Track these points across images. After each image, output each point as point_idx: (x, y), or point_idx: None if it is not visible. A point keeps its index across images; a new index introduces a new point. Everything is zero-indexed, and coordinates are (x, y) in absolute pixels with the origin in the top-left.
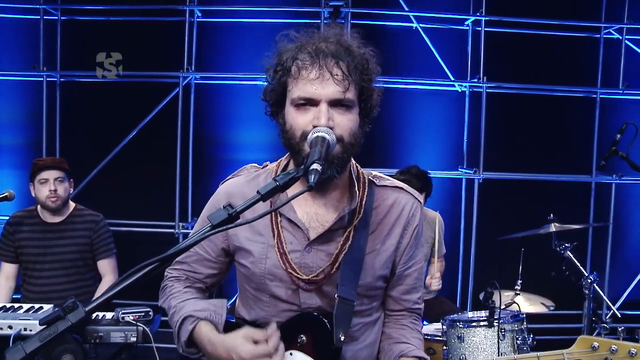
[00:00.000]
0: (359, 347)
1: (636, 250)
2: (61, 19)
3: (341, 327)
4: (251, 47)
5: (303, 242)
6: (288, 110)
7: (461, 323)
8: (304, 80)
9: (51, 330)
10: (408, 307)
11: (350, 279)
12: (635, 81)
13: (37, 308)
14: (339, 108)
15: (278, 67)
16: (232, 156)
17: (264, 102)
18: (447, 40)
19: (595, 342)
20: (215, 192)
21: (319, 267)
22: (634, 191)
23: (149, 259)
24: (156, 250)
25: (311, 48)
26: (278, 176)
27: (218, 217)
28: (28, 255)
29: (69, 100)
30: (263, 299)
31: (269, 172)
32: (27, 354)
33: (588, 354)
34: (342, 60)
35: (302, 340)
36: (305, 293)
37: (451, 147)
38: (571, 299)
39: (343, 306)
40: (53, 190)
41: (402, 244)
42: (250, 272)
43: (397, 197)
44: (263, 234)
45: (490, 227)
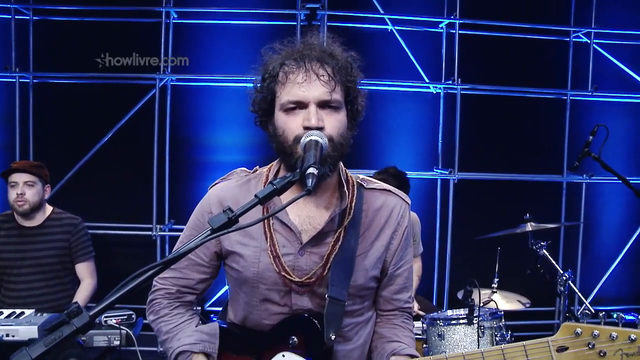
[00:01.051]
0: (351, 346)
1: (606, 248)
2: (33, 19)
3: (332, 327)
4: (227, 49)
5: (296, 245)
6: (278, 116)
7: (441, 321)
8: (291, 84)
9: (56, 335)
10: (399, 307)
11: (341, 279)
12: (603, 83)
13: (18, 313)
14: (327, 109)
15: (265, 75)
16: (209, 158)
17: (254, 114)
18: (421, 43)
19: (579, 328)
20: (205, 196)
21: (311, 270)
22: (604, 190)
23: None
24: (134, 252)
25: (296, 54)
26: (275, 180)
27: (218, 221)
28: (5, 260)
29: (43, 101)
30: (254, 302)
31: (260, 176)
32: (32, 359)
33: (572, 340)
34: (326, 63)
35: (294, 342)
36: (297, 295)
37: (426, 148)
38: (544, 296)
39: (334, 306)
40: (20, 194)
41: (392, 245)
42: (242, 276)
43: (385, 199)
44: (255, 238)
45: (465, 226)
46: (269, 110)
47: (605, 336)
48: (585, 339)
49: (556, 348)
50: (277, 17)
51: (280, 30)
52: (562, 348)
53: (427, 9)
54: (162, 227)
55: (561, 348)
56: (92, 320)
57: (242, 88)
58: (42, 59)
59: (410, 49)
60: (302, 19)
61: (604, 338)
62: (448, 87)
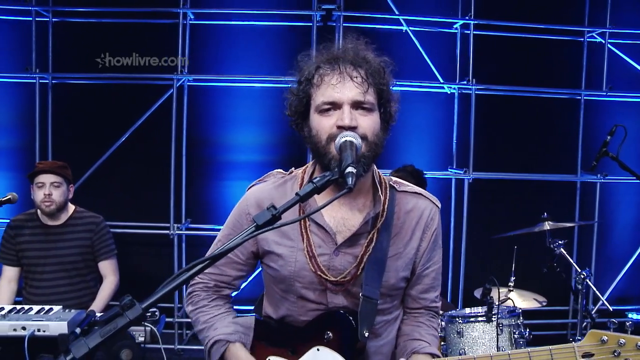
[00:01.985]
0: (381, 343)
1: (620, 247)
2: (52, 20)
3: (365, 324)
4: (243, 49)
5: (331, 246)
6: (313, 117)
7: (460, 319)
8: (325, 85)
9: (111, 327)
10: (426, 305)
11: (374, 279)
12: (618, 83)
13: (47, 309)
14: (360, 110)
15: (301, 79)
16: (225, 157)
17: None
18: (436, 43)
19: (605, 336)
20: (242, 197)
21: (345, 269)
22: (618, 190)
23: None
24: (151, 251)
25: (331, 58)
26: (315, 179)
27: (262, 218)
28: (29, 259)
29: (62, 102)
30: (290, 299)
31: (295, 178)
32: (90, 349)
33: (598, 347)
34: (360, 66)
35: (329, 337)
36: (332, 294)
37: (440, 148)
38: (558, 295)
39: (367, 304)
40: (47, 194)
41: (421, 247)
42: (279, 274)
43: (416, 202)
44: (292, 239)
45: (480, 225)
46: (305, 113)
47: (631, 345)
48: (611, 346)
49: (582, 354)
50: (293, 18)
51: (296, 31)
52: (588, 354)
53: (441, 9)
54: (179, 226)
55: (587, 354)
56: (145, 313)
57: (258, 88)
58: (61, 60)
59: (424, 49)
60: (318, 20)
61: (631, 347)
62: (462, 87)
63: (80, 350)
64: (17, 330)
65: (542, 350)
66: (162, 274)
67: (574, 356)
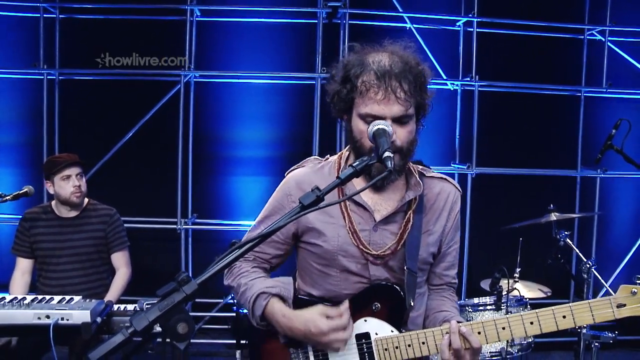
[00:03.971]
0: (416, 314)
1: (619, 241)
2: (60, 17)
3: (410, 294)
4: (250, 46)
5: (370, 223)
6: (355, 120)
7: (470, 307)
8: (371, 100)
9: (169, 301)
10: (448, 282)
11: (413, 254)
12: (617, 80)
13: (68, 299)
14: (400, 123)
15: (346, 82)
16: (232, 153)
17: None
18: (439, 41)
19: (634, 288)
20: (282, 181)
21: (385, 244)
22: (617, 185)
23: (151, 255)
24: (158, 246)
25: (376, 67)
26: (354, 163)
27: (308, 199)
28: (44, 250)
29: (69, 98)
30: (333, 273)
31: (331, 163)
32: (150, 322)
33: (629, 298)
34: (405, 82)
35: (377, 307)
36: (374, 266)
37: (444, 144)
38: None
39: (410, 277)
40: (77, 185)
41: (447, 226)
42: (322, 250)
43: (442, 186)
44: (334, 216)
45: (483, 219)
46: (346, 109)
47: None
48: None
49: (616, 304)
50: (299, 15)
51: (301, 28)
52: (621, 305)
53: (445, 7)
54: (185, 221)
55: (620, 305)
56: (200, 288)
57: (264, 84)
58: (68, 56)
59: (428, 46)
60: (324, 17)
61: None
62: (465, 83)
63: (141, 323)
64: (41, 319)
65: (582, 304)
66: (169, 269)
67: (611, 307)
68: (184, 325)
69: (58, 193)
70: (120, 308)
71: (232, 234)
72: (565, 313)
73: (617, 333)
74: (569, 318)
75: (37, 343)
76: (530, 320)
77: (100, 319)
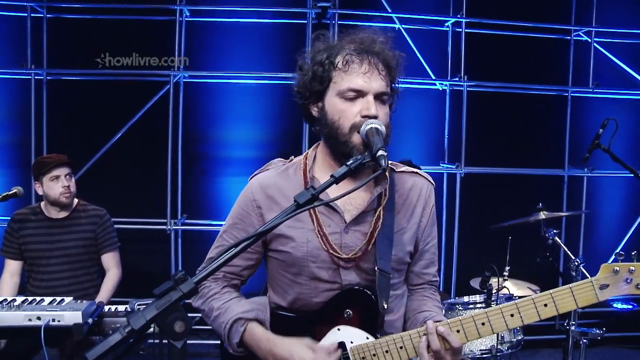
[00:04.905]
0: (394, 317)
1: (606, 239)
2: (47, 16)
3: (383, 297)
4: (239, 46)
5: (341, 225)
6: (333, 101)
7: (460, 305)
8: (355, 73)
9: (166, 300)
10: (428, 280)
11: (385, 253)
12: (603, 80)
13: (59, 300)
14: (378, 101)
15: (323, 60)
16: (221, 153)
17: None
18: (428, 41)
19: (616, 267)
20: (246, 186)
21: (357, 246)
22: (603, 183)
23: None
24: (148, 247)
25: (357, 45)
26: (349, 161)
27: (303, 197)
28: (34, 252)
29: (58, 98)
30: (302, 281)
31: (297, 164)
32: (147, 320)
33: (612, 277)
34: (385, 59)
35: (349, 314)
36: (345, 271)
37: (433, 143)
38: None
39: (382, 278)
40: (66, 186)
41: (422, 222)
42: (291, 257)
43: (414, 180)
44: (302, 220)
45: (471, 218)
46: (320, 93)
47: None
48: (623, 275)
49: (599, 286)
50: (288, 16)
51: (291, 29)
52: (604, 285)
53: (433, 8)
54: (175, 222)
55: (603, 285)
56: (197, 287)
57: (253, 85)
58: (56, 56)
59: (417, 47)
60: (313, 18)
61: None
62: (454, 84)
63: (138, 322)
64: (32, 321)
65: (564, 289)
66: (159, 269)
67: (593, 289)
68: (181, 323)
69: (47, 194)
70: (111, 309)
71: None
72: (546, 301)
73: (605, 330)
74: (551, 306)
75: (27, 345)
76: (510, 313)
77: (92, 320)
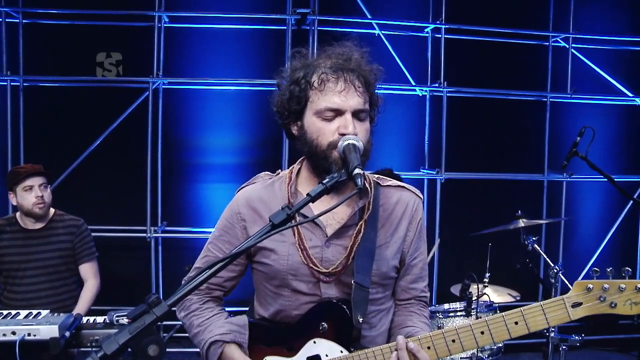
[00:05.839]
0: (375, 333)
1: (585, 243)
2: (23, 22)
3: (359, 310)
4: (218, 52)
5: (322, 239)
6: (311, 120)
7: (440, 314)
8: (331, 92)
9: (139, 324)
10: (416, 296)
11: (364, 267)
12: (581, 86)
13: (35, 314)
14: (357, 119)
15: (299, 79)
16: (201, 160)
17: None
18: (408, 47)
19: (590, 284)
20: (232, 199)
21: (337, 260)
22: (582, 188)
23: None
24: (128, 255)
25: (333, 63)
26: (325, 180)
27: (279, 217)
28: (9, 264)
29: (34, 105)
30: (284, 293)
31: (282, 178)
32: (120, 345)
33: (584, 295)
34: (362, 76)
35: (324, 327)
36: (325, 285)
37: (413, 149)
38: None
39: (359, 291)
40: (40, 196)
41: (408, 237)
42: (273, 270)
43: (400, 194)
44: (284, 234)
45: (452, 224)
46: (298, 113)
47: (614, 288)
48: (596, 293)
49: (571, 304)
50: (268, 22)
51: (270, 35)
52: (577, 304)
53: (413, 14)
54: (155, 229)
55: (575, 304)
56: (170, 310)
57: (232, 91)
58: (32, 62)
59: (397, 52)
60: (293, 24)
61: (614, 290)
62: (434, 89)
63: (111, 347)
64: (6, 335)
65: (534, 306)
66: (139, 277)
67: (564, 307)
68: (154, 347)
69: (21, 204)
70: (89, 320)
71: (202, 241)
72: (517, 319)
73: (584, 335)
74: (522, 324)
75: None
76: (481, 330)
77: (69, 333)
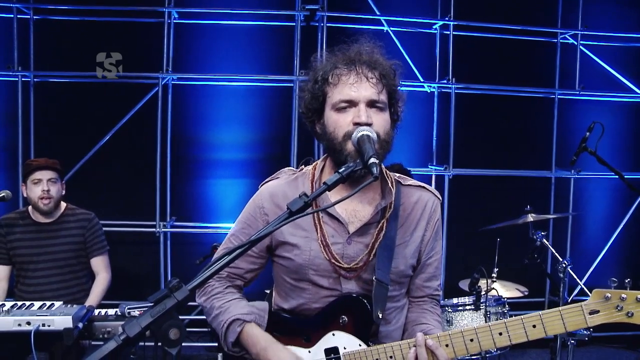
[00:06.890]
0: (391, 328)
1: (593, 240)
2: (34, 18)
3: (379, 306)
4: (227, 48)
5: (344, 235)
6: (329, 115)
7: (449, 308)
8: (343, 85)
9: (160, 307)
10: (429, 294)
11: (384, 264)
12: (589, 83)
13: (49, 305)
14: (374, 109)
15: (318, 78)
16: (210, 156)
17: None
18: (416, 43)
19: (608, 293)
20: (256, 193)
21: (358, 256)
22: (590, 185)
23: (130, 258)
24: (137, 249)
25: (347, 59)
26: (340, 169)
27: (296, 205)
28: (22, 256)
29: (45, 100)
30: (304, 287)
31: (305, 174)
32: (142, 328)
33: (602, 304)
34: (374, 68)
35: (344, 321)
36: (346, 280)
37: (421, 145)
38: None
39: (380, 288)
40: (46, 190)
41: (426, 236)
42: (294, 264)
43: (420, 194)
44: (306, 229)
45: (460, 220)
46: (319, 111)
47: (632, 299)
48: (614, 302)
49: (588, 311)
50: (277, 18)
51: (279, 31)
52: (594, 311)
53: (421, 10)
54: (164, 224)
55: (593, 311)
56: (192, 294)
57: (242, 87)
58: (43, 58)
59: (405, 49)
60: (301, 20)
61: (631, 300)
62: (442, 86)
63: (133, 329)
64: (21, 326)
65: (552, 312)
66: (148, 272)
67: (582, 314)
68: (175, 330)
69: (29, 196)
70: (101, 313)
71: (211, 236)
72: (535, 322)
73: (592, 330)
74: (539, 327)
75: (14, 350)
76: (499, 331)
77: (82, 324)
